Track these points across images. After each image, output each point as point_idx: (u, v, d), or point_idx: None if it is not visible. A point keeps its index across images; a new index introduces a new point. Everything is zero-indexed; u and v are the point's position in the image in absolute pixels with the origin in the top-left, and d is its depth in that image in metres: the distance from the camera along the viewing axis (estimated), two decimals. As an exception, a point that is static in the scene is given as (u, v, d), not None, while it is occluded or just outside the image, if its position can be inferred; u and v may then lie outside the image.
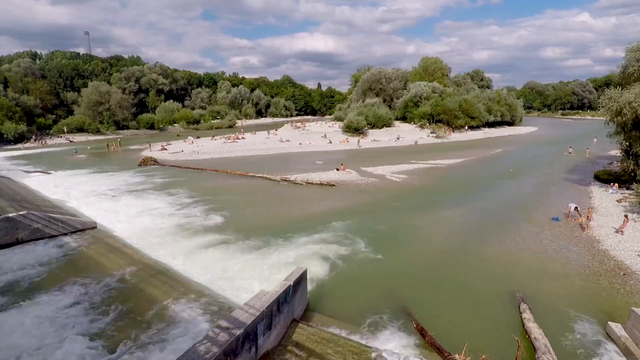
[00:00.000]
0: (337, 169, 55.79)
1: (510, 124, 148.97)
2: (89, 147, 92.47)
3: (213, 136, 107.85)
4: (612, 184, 43.56)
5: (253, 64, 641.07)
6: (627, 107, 37.54)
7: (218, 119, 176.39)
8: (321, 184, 47.80)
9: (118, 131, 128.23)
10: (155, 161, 66.79)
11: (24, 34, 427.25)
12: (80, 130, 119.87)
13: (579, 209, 33.86)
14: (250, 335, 13.93)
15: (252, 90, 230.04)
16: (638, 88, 37.38)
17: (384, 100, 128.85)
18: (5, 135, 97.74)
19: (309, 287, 20.38)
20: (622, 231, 29.65)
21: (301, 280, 18.31)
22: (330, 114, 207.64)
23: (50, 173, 58.37)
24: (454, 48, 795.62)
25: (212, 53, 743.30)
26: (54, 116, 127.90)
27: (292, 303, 17.37)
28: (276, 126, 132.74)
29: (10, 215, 28.40)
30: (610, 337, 17.22)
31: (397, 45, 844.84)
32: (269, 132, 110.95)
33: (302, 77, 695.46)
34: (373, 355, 15.46)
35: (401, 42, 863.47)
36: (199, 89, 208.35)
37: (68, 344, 16.58)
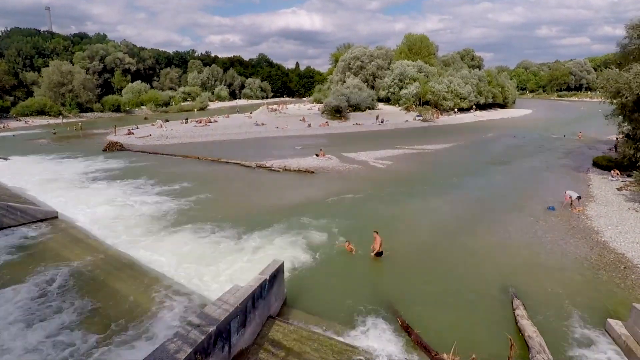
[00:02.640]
0: (317, 155, 55.57)
1: (503, 106, 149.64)
2: (77, 127, 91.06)
3: (186, 119, 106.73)
4: (612, 170, 43.26)
5: (233, 42, 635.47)
6: (627, 87, 37.35)
7: (189, 100, 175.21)
8: (299, 171, 47.64)
9: (81, 114, 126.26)
10: (121, 146, 66.13)
11: (1, 12, 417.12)
12: (41, 113, 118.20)
13: (581, 198, 33.81)
14: (223, 333, 13.83)
15: (225, 70, 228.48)
16: (638, 67, 37.37)
17: (367, 81, 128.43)
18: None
19: (286, 281, 20.21)
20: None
21: (278, 274, 18.19)
22: (309, 96, 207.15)
23: (8, 159, 57.38)
24: (447, 26, 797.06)
25: (191, 31, 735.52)
26: (12, 98, 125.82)
27: (268, 298, 17.25)
28: (251, 108, 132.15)
29: (-36, 205, 27.97)
30: (610, 335, 17.02)
31: (385, 24, 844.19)
32: (235, 112, 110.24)
33: (283, 56, 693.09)
34: (355, 354, 15.38)
35: (389, 20, 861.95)
36: (168, 69, 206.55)
37: (25, 340, 16.35)
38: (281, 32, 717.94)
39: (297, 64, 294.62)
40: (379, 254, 24.55)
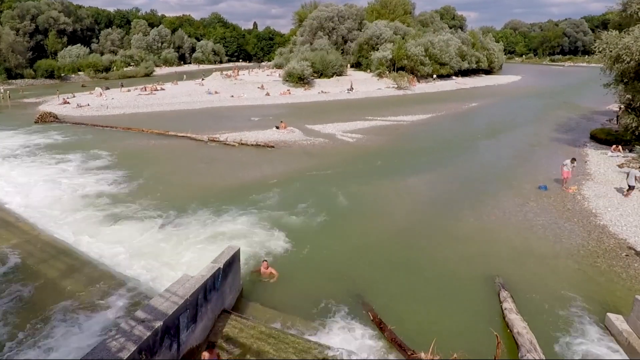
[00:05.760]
0: (277, 127, 55.37)
1: (488, 72, 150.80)
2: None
3: (122, 85, 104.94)
4: (614, 146, 42.86)
5: (194, 0, 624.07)
6: (627, 52, 37.48)
7: (132, 65, 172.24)
8: (257, 145, 47.45)
9: (10, 81, 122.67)
10: (55, 117, 64.61)
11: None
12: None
13: (575, 162, 33.39)
14: (171, 329, 13.63)
15: (173, 32, 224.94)
16: (638, 31, 37.42)
17: (335, 44, 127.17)
18: None
19: (243, 270, 20.06)
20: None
21: (233, 262, 17.99)
22: (268, 60, 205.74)
23: None
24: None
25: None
26: None
27: (222, 290, 17.08)
28: (203, 74, 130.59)
29: None
30: (609, 331, 16.77)
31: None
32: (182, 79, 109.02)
33: (245, 15, 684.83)
34: (320, 353, 15.22)
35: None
36: (109, 30, 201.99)
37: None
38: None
39: (255, 24, 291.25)
40: None
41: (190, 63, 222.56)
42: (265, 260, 21.27)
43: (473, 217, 28.16)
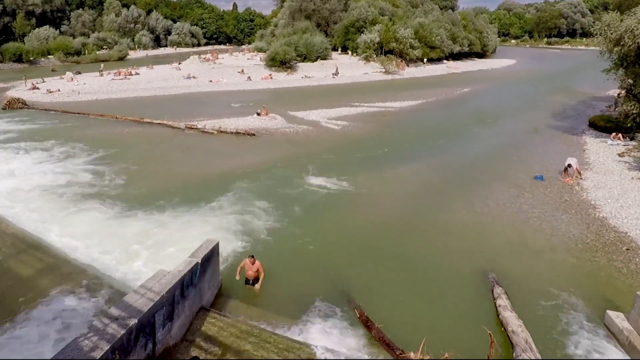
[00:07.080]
0: (258, 114, 55.12)
1: (481, 55, 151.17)
2: None
3: (100, 72, 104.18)
4: (613, 134, 42.99)
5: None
6: (629, 35, 37.35)
7: (105, 49, 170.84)
8: (237, 133, 47.23)
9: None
10: (24, 103, 63.85)
11: None
12: None
13: (576, 165, 32.93)
14: (146, 327, 13.47)
15: (148, 12, 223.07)
16: None
17: (319, 25, 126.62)
18: None
19: (222, 265, 20.03)
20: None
21: (212, 256, 17.91)
22: (249, 43, 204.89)
23: None
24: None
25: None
26: None
27: (201, 286, 16.99)
28: (180, 58, 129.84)
29: None
30: (609, 329, 16.67)
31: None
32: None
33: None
34: (303, 352, 15.14)
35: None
36: (80, 11, 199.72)
37: None
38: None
39: (235, 5, 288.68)
40: (252, 282, 19.68)
41: (166, 46, 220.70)
42: (252, 256, 20.45)
43: (465, 209, 28.08)
